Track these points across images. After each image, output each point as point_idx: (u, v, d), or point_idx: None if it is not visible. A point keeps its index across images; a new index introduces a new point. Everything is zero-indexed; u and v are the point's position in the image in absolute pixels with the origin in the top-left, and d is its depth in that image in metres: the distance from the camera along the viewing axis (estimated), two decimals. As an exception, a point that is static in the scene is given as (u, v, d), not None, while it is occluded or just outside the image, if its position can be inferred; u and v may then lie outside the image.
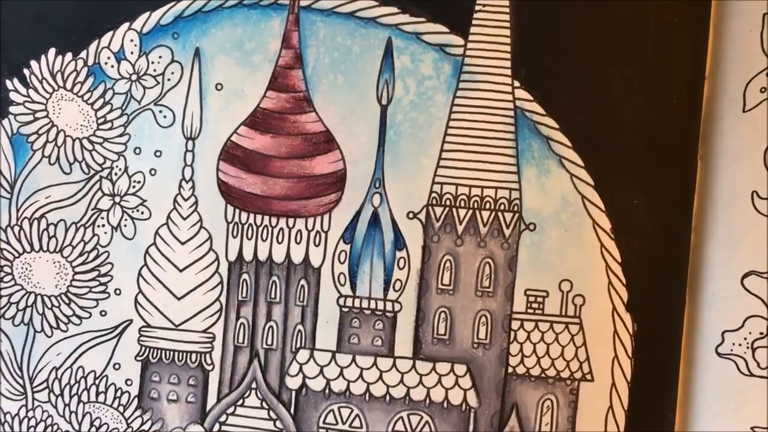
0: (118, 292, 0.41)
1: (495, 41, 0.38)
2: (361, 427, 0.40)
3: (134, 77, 0.40)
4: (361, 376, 0.40)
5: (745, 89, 0.37)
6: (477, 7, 0.38)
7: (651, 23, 0.37)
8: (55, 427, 0.42)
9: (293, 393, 0.40)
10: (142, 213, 0.41)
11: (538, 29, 0.38)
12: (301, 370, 0.40)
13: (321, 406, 0.40)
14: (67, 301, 0.41)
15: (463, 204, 0.38)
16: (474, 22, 0.38)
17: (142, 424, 0.41)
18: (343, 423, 0.40)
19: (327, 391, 0.40)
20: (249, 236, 0.40)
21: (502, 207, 0.38)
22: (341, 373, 0.40)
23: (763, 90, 0.37)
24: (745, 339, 0.38)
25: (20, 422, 0.42)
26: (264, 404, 0.40)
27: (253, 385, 0.40)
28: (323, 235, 0.39)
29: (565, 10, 0.37)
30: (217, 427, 0.41)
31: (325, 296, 0.40)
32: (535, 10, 0.38)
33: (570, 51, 0.38)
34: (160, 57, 0.40)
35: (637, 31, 0.37)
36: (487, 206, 0.38)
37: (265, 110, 0.40)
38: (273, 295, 0.40)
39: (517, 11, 0.38)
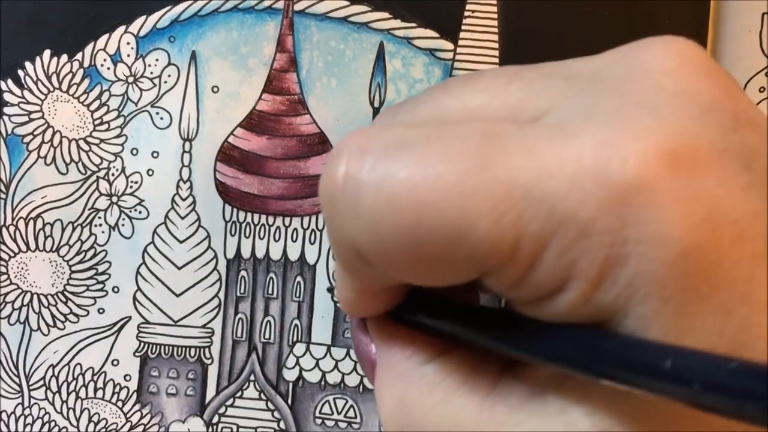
0: (116, 290, 0.42)
1: (483, 46, 0.40)
2: (356, 417, 0.41)
3: (131, 79, 0.41)
4: (354, 368, 0.41)
5: (744, 89, 0.38)
6: (466, 14, 0.40)
7: (646, 25, 0.39)
8: (53, 425, 0.43)
9: (290, 385, 0.41)
10: (140, 212, 0.41)
11: (526, 34, 0.40)
12: (297, 362, 0.41)
13: (317, 397, 0.41)
14: (64, 300, 0.42)
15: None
16: (463, 27, 0.40)
17: (141, 417, 0.42)
18: (338, 413, 0.41)
19: (323, 382, 0.41)
20: (247, 235, 0.41)
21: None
22: (336, 366, 0.41)
23: (762, 90, 0.37)
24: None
25: (16, 420, 0.43)
26: (262, 396, 0.42)
27: (252, 378, 0.42)
28: (318, 233, 0.41)
29: (553, 15, 0.39)
30: (216, 418, 0.42)
31: (321, 292, 0.41)
32: (523, 15, 0.40)
33: (558, 55, 0.39)
34: (156, 60, 0.41)
35: (630, 33, 0.39)
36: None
37: (261, 112, 0.41)
38: (270, 292, 0.41)
39: (505, 17, 0.40)
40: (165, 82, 0.41)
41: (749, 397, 0.13)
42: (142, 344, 0.42)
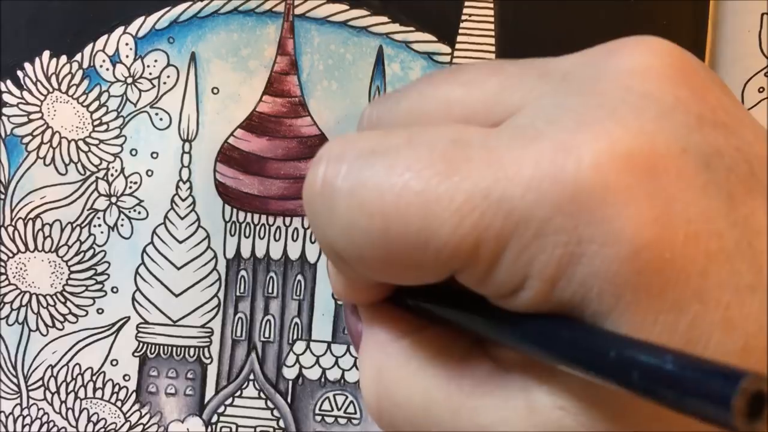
0: (115, 290, 0.42)
1: (480, 49, 0.41)
2: (356, 412, 0.42)
3: (130, 80, 0.41)
4: (355, 364, 0.42)
5: (743, 89, 0.38)
6: (463, 17, 0.41)
7: (645, 26, 0.40)
8: (51, 425, 0.43)
9: (290, 383, 0.42)
10: (139, 213, 0.42)
11: (523, 37, 0.40)
12: (297, 360, 0.42)
13: (317, 394, 0.42)
14: (62, 300, 0.42)
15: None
16: (460, 31, 0.41)
17: (141, 417, 0.42)
18: (338, 409, 0.42)
19: (323, 379, 0.42)
20: (247, 234, 0.42)
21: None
22: (336, 362, 0.42)
23: (761, 90, 0.38)
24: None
25: (15, 421, 0.43)
26: (261, 395, 0.42)
27: (251, 377, 0.42)
28: (318, 232, 0.41)
29: (550, 17, 0.40)
30: (215, 418, 0.42)
31: (321, 290, 0.42)
32: (519, 18, 0.40)
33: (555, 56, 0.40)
34: (155, 61, 0.41)
35: (628, 35, 0.40)
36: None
37: (262, 114, 0.41)
38: (270, 291, 0.42)
39: (502, 20, 0.41)
40: (164, 83, 0.41)
41: (684, 390, 0.13)
42: (141, 344, 0.42)
